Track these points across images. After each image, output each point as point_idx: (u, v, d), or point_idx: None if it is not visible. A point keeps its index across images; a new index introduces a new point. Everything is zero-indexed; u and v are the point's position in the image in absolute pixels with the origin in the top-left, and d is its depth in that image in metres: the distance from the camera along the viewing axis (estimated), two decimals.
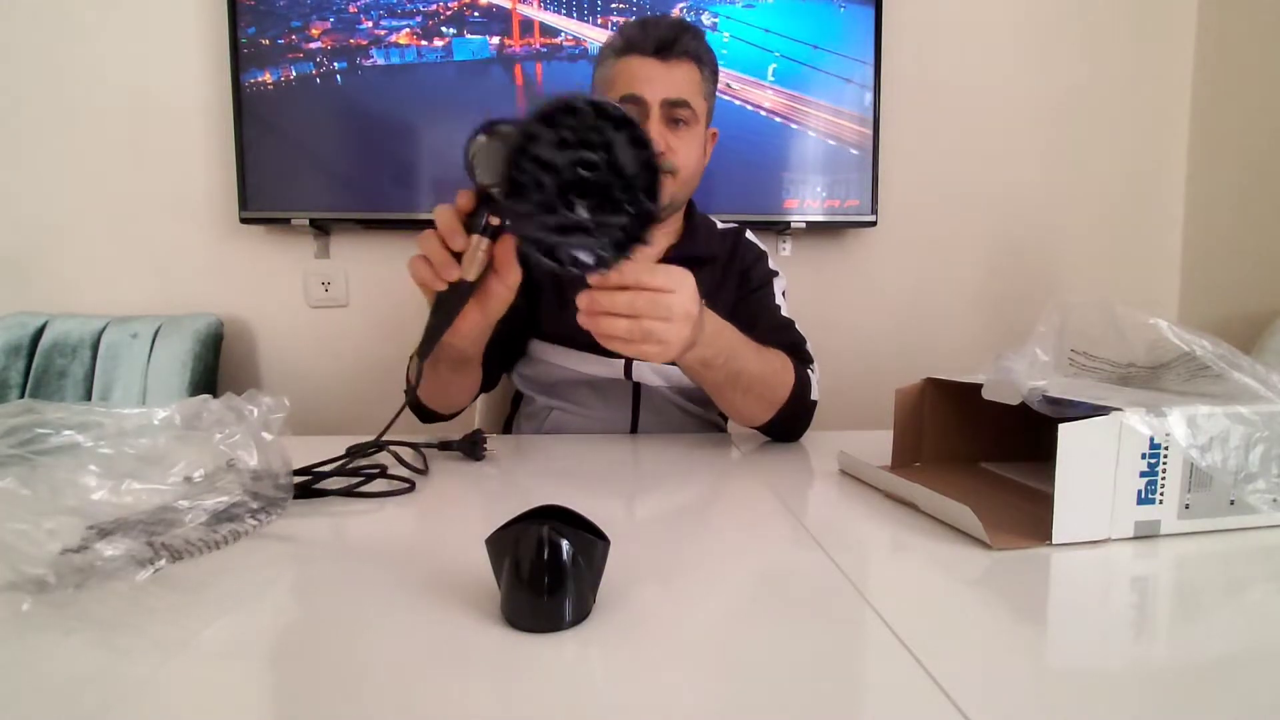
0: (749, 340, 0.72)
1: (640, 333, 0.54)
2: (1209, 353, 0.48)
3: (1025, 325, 0.55)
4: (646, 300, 0.54)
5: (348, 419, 1.58)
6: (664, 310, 0.55)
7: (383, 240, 1.59)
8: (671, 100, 0.82)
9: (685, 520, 0.53)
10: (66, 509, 0.38)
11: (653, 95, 0.81)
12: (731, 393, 0.73)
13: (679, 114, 0.83)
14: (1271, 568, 0.42)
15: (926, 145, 1.65)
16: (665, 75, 0.82)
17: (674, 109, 0.82)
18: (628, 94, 0.81)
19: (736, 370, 0.70)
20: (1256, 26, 1.54)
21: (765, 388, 0.75)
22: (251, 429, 0.47)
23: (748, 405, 0.76)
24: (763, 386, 0.74)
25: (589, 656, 0.31)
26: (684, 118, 0.83)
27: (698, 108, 0.85)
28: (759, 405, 0.76)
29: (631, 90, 0.81)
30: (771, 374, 0.75)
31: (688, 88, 0.83)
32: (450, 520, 0.51)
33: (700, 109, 0.86)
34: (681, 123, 0.84)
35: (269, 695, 0.29)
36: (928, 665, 0.30)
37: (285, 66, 1.46)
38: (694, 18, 1.51)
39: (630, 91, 0.81)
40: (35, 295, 1.52)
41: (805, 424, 0.81)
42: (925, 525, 0.49)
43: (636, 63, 0.82)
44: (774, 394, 0.76)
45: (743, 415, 0.78)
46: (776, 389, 0.76)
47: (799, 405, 0.78)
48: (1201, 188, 1.68)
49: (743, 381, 0.72)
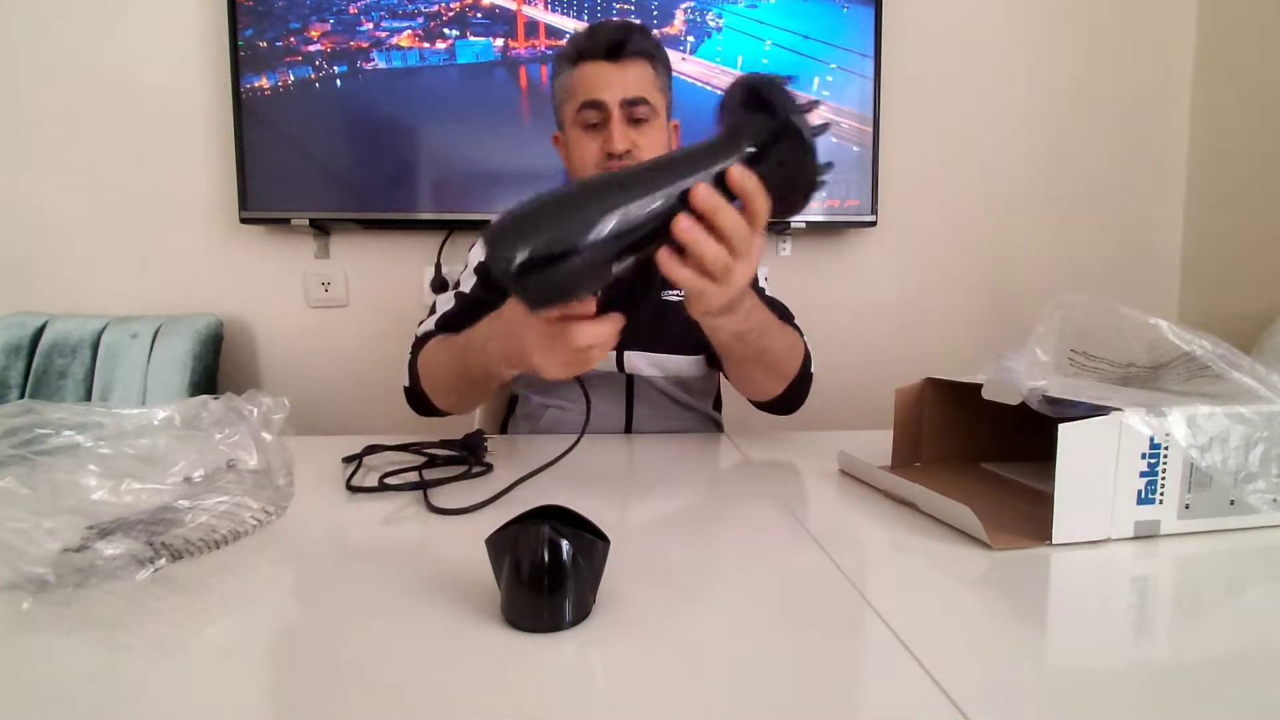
0: (773, 316, 0.72)
1: (722, 264, 0.49)
2: (1209, 353, 0.48)
3: (1025, 325, 0.54)
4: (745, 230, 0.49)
5: (348, 419, 1.58)
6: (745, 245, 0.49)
7: (383, 240, 1.59)
8: (630, 99, 0.83)
9: (685, 520, 0.53)
10: (66, 509, 0.38)
11: (611, 97, 0.83)
12: (754, 368, 0.75)
13: (639, 112, 0.84)
14: (1271, 568, 0.42)
15: (926, 145, 1.65)
16: (620, 76, 0.84)
17: (633, 107, 0.84)
18: (588, 99, 0.83)
19: (764, 346, 0.71)
20: (1256, 26, 1.53)
21: (782, 363, 0.76)
22: (252, 429, 0.47)
23: (766, 380, 0.78)
24: (781, 362, 0.76)
25: (589, 656, 0.31)
26: (644, 115, 0.85)
27: (655, 103, 0.86)
28: (773, 379, 0.78)
29: (591, 95, 0.83)
30: (788, 348, 0.76)
31: (644, 85, 0.85)
32: (450, 520, 0.51)
33: (658, 103, 0.87)
34: (642, 121, 0.85)
35: (269, 695, 0.29)
36: (928, 665, 0.30)
37: (284, 69, 1.46)
38: (698, 19, 1.51)
39: (590, 97, 0.83)
40: (35, 295, 1.52)
41: (805, 397, 0.83)
42: (925, 525, 0.49)
43: (591, 69, 0.84)
44: (787, 368, 0.78)
45: (757, 389, 0.80)
46: (790, 364, 0.78)
47: (805, 379, 0.81)
48: (1201, 188, 1.68)
49: (767, 358, 0.73)
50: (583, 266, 0.42)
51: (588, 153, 0.85)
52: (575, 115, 0.85)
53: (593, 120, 0.84)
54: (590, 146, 0.85)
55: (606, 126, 0.84)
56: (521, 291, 0.43)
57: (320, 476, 0.61)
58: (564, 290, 0.44)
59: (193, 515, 0.42)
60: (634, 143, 0.84)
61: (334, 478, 0.61)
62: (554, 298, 0.46)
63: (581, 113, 0.84)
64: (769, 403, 0.82)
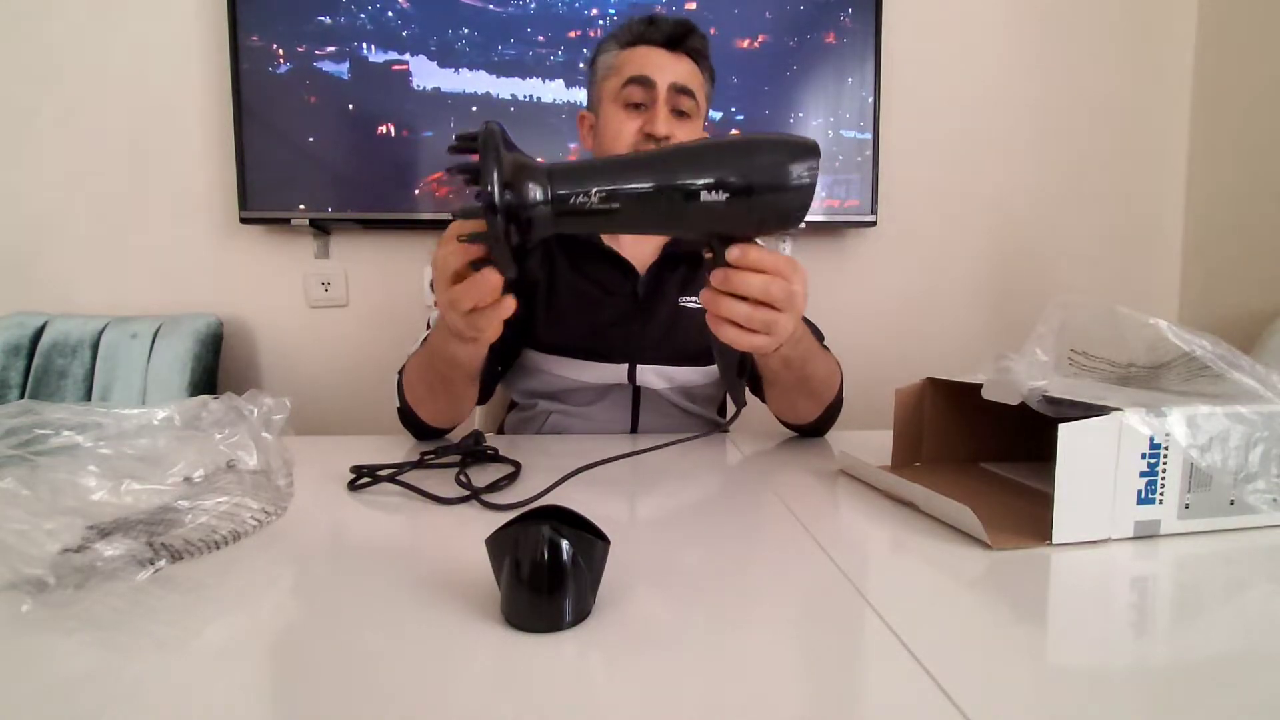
0: (816, 343, 0.72)
1: (759, 320, 0.50)
2: (1209, 353, 0.48)
3: (1025, 325, 0.54)
4: (780, 287, 0.50)
5: (348, 419, 1.58)
6: (787, 300, 0.51)
7: (383, 240, 1.59)
8: (679, 86, 0.82)
9: (685, 520, 0.53)
10: (66, 509, 0.38)
11: (661, 79, 0.82)
12: (797, 394, 0.74)
13: (683, 104, 0.84)
14: (1271, 568, 0.42)
15: (926, 145, 1.65)
16: (673, 64, 0.83)
17: (680, 96, 0.83)
18: (637, 75, 0.82)
19: (808, 373, 0.70)
20: (1256, 26, 1.53)
21: (823, 388, 0.76)
22: (252, 429, 0.47)
23: (806, 405, 0.77)
24: (823, 388, 0.75)
25: (589, 656, 0.31)
26: (688, 109, 0.84)
27: (700, 101, 0.86)
28: (812, 404, 0.77)
29: (642, 72, 0.82)
30: (828, 375, 0.75)
31: (693, 80, 0.85)
32: (450, 520, 0.51)
33: (702, 104, 0.87)
34: (685, 114, 0.84)
35: (269, 695, 0.29)
36: (928, 665, 0.30)
37: (284, 69, 1.46)
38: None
39: (640, 73, 0.82)
40: (35, 295, 1.52)
41: (835, 421, 0.83)
42: (925, 525, 0.49)
43: (645, 50, 0.84)
44: (826, 395, 0.77)
45: (795, 414, 0.79)
46: (829, 390, 0.77)
47: (838, 403, 0.80)
48: (1201, 188, 1.68)
49: (810, 384, 0.72)
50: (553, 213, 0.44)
51: (626, 129, 0.83)
52: (619, 90, 0.84)
53: (637, 99, 0.83)
54: (630, 125, 0.83)
55: (650, 108, 0.82)
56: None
57: (320, 476, 0.61)
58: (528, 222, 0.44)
59: (193, 515, 0.42)
60: (673, 132, 0.82)
61: (334, 478, 0.61)
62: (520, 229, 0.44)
63: (627, 88, 0.83)
64: (804, 427, 0.81)
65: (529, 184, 0.43)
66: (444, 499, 0.54)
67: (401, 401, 0.76)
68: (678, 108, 0.83)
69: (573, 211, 0.45)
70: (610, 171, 0.46)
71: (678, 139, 0.82)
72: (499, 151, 0.43)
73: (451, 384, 0.71)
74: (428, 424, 0.76)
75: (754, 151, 0.46)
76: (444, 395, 0.73)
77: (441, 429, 0.78)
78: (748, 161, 0.46)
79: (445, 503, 0.54)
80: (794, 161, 0.45)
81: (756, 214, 0.46)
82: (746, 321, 0.50)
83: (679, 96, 0.83)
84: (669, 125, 0.82)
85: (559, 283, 0.88)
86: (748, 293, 0.49)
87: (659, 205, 0.46)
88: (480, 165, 0.42)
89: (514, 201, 0.43)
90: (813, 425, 0.81)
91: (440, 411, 0.76)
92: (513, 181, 0.43)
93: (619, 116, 0.84)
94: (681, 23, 0.84)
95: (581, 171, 0.45)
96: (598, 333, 0.87)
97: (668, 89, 0.82)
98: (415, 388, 0.74)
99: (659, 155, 0.47)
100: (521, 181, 0.43)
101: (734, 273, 0.49)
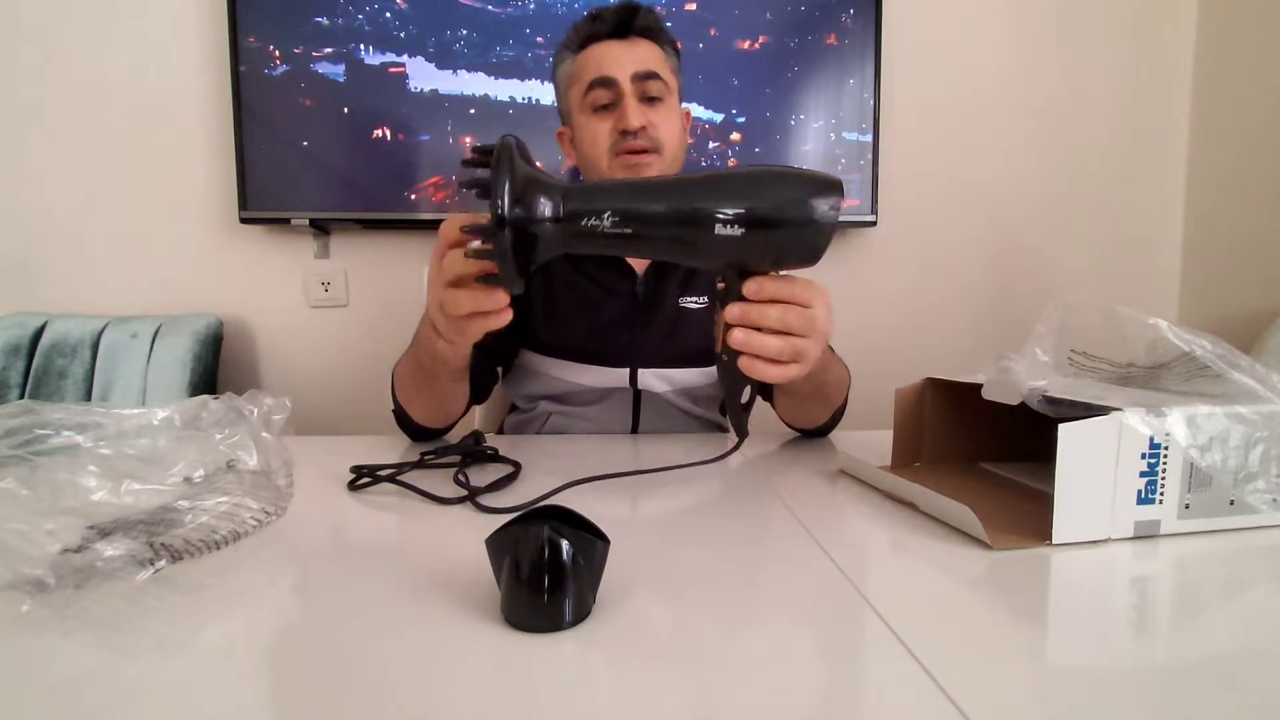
0: (830, 352, 0.72)
1: (790, 352, 0.49)
2: (1209, 353, 0.48)
3: (1025, 325, 0.54)
4: (798, 316, 0.49)
5: (348, 419, 1.58)
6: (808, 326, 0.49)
7: (383, 240, 1.59)
8: (641, 73, 0.80)
9: (685, 520, 0.53)
10: (66, 509, 0.38)
11: (621, 72, 0.79)
12: (813, 403, 0.74)
13: (651, 88, 0.81)
14: (1271, 568, 0.42)
15: (926, 145, 1.65)
16: (629, 52, 0.80)
17: (645, 82, 0.80)
18: (597, 77, 0.79)
19: (824, 381, 0.71)
20: (1256, 27, 1.53)
21: (835, 394, 0.76)
22: (252, 429, 0.47)
23: (817, 411, 0.77)
24: (834, 394, 0.76)
25: (589, 656, 0.31)
26: (657, 92, 0.81)
27: (668, 80, 0.83)
28: (823, 410, 0.77)
29: (600, 73, 0.79)
30: (840, 381, 0.76)
31: (654, 61, 0.82)
32: (450, 520, 0.51)
33: (671, 82, 0.84)
34: (656, 98, 0.82)
35: (269, 695, 0.29)
36: (928, 665, 0.30)
37: (284, 69, 1.46)
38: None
39: (599, 75, 0.79)
40: (35, 295, 1.52)
41: (839, 423, 0.83)
42: (925, 525, 0.49)
43: (598, 48, 0.81)
44: (836, 400, 0.77)
45: (806, 419, 0.79)
46: (839, 396, 0.77)
47: (844, 407, 0.81)
48: (1201, 187, 1.68)
49: (824, 391, 0.73)
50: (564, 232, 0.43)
51: (600, 134, 0.81)
52: (583, 98, 0.81)
53: (603, 100, 0.80)
54: (602, 127, 0.81)
55: (618, 105, 0.80)
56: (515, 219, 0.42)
57: (320, 476, 0.61)
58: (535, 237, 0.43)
59: (193, 516, 0.42)
60: (649, 120, 0.80)
61: (334, 478, 0.61)
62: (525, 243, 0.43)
63: (591, 93, 0.80)
64: (812, 430, 0.82)
65: (540, 201, 0.43)
66: (444, 499, 0.54)
67: (395, 402, 0.76)
68: (646, 94, 0.80)
69: (584, 233, 0.44)
70: (626, 194, 0.45)
71: (653, 125, 0.80)
72: (512, 166, 0.42)
73: (437, 380, 0.70)
74: (420, 424, 0.76)
75: (776, 184, 0.45)
76: (431, 393, 0.73)
77: (435, 430, 0.78)
78: (769, 194, 0.44)
79: (445, 503, 0.54)
80: (816, 197, 0.44)
81: (774, 248, 0.46)
82: (778, 355, 0.49)
83: (644, 83, 0.80)
84: (640, 116, 0.79)
85: (557, 282, 0.88)
86: (765, 325, 0.48)
87: (674, 233, 0.45)
88: (491, 180, 0.42)
89: (523, 218, 0.42)
90: (819, 428, 0.81)
91: (430, 410, 0.75)
92: (523, 198, 0.42)
93: (591, 123, 0.82)
94: (626, 7, 0.81)
95: (597, 193, 0.44)
96: (597, 334, 0.87)
97: (630, 80, 0.79)
98: (405, 387, 0.74)
99: (679, 182, 0.46)
100: (533, 199, 0.42)
101: (751, 307, 0.48)
